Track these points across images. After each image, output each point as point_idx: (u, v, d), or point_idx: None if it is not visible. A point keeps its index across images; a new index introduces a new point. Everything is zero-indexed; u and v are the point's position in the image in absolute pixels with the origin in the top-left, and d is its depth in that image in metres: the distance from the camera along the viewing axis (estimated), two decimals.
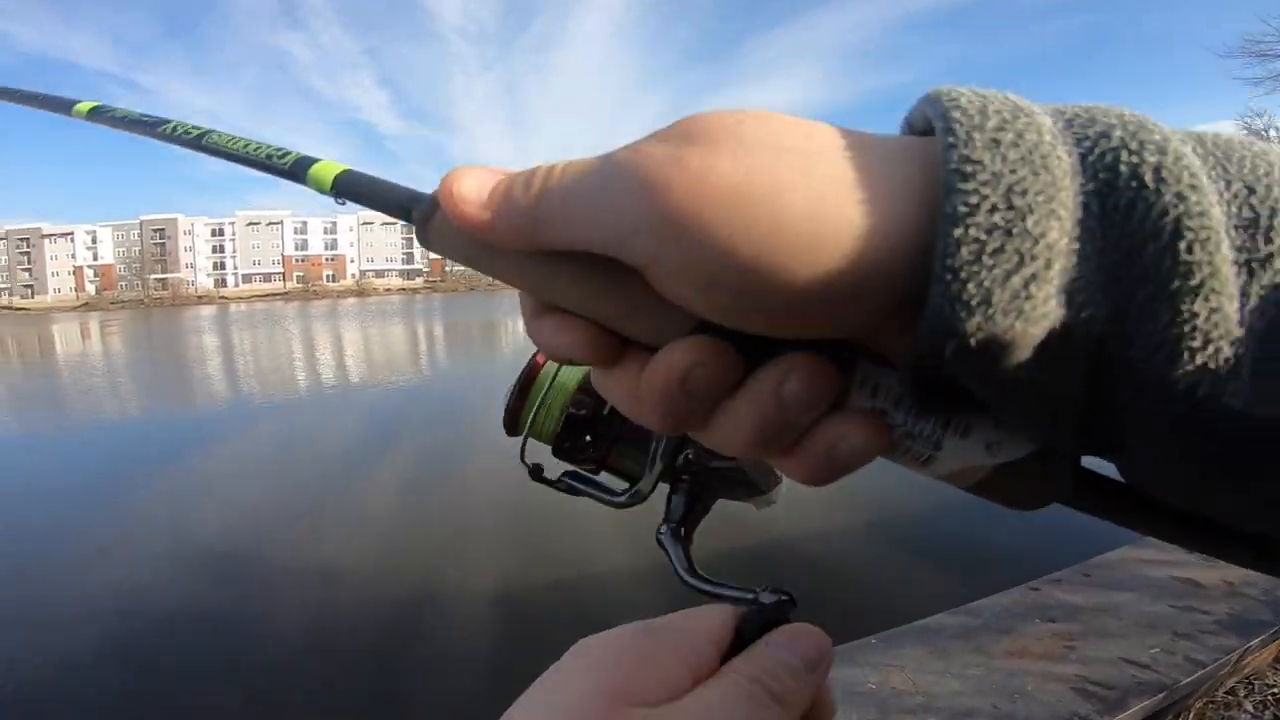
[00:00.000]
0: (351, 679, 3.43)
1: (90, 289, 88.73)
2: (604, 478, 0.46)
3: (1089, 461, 0.22)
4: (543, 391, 0.44)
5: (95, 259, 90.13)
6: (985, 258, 0.16)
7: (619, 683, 0.25)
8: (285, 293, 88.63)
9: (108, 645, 3.81)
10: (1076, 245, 0.17)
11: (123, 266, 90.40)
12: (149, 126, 0.41)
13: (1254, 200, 0.17)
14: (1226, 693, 2.56)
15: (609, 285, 0.21)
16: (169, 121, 0.40)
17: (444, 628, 3.94)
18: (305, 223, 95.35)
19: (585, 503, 0.46)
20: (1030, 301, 0.16)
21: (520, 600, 4.22)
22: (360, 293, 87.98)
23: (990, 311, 0.17)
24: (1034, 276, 0.16)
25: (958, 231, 0.16)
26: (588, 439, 0.44)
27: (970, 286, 0.16)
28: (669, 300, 0.20)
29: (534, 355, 0.44)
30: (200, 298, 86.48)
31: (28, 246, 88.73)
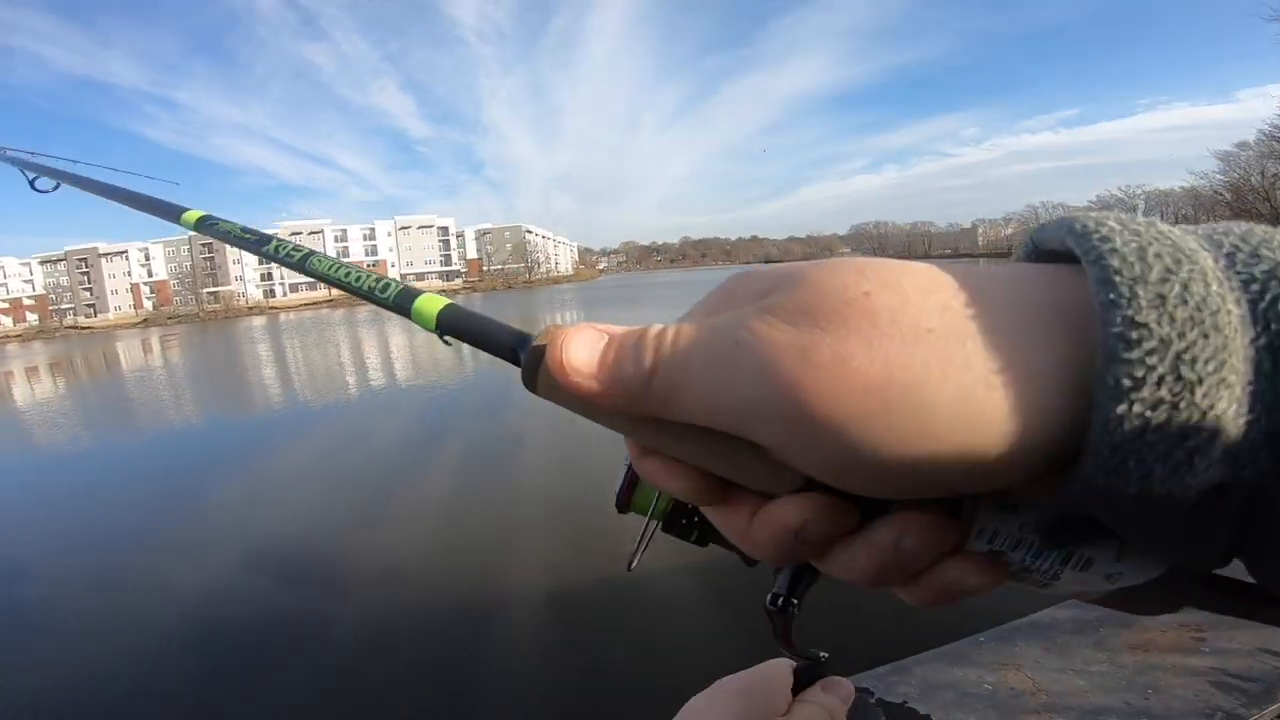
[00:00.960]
0: (414, 677, 3.46)
1: (148, 305, 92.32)
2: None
3: None
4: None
5: (150, 275, 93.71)
6: (1149, 434, 0.15)
7: (765, 706, 0.38)
8: (331, 300, 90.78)
9: (180, 643, 3.93)
10: (1246, 411, 0.16)
11: (176, 281, 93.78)
12: (252, 244, 0.41)
13: None
14: None
15: (719, 446, 0.21)
16: (271, 240, 0.40)
17: (500, 627, 3.94)
18: (345, 230, 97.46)
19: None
20: (1191, 470, 0.16)
21: (573, 600, 4.20)
22: None
23: (1148, 484, 0.16)
24: (1197, 450, 0.16)
25: (1120, 408, 0.15)
26: (696, 520, 0.45)
27: (1130, 463, 0.16)
28: (783, 465, 0.20)
29: None
30: (251, 309, 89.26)
31: (86, 266, 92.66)
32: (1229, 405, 0.15)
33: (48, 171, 0.82)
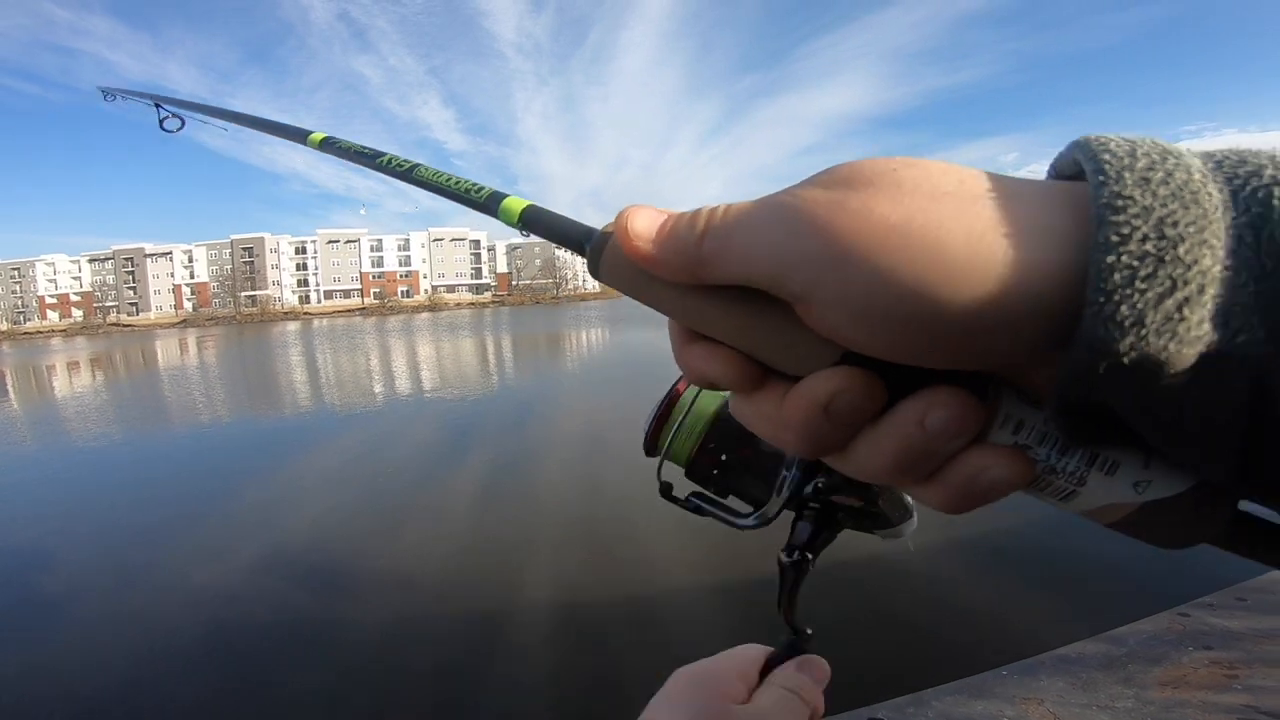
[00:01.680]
0: (425, 684, 3.47)
1: (188, 306, 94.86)
2: (731, 501, 0.49)
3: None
4: (681, 416, 0.48)
5: (191, 277, 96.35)
6: (1138, 282, 0.17)
7: (719, 694, 0.38)
8: (363, 308, 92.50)
9: (195, 642, 3.97)
10: (1230, 272, 0.17)
11: (216, 284, 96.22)
12: (367, 158, 0.48)
13: None
14: None
15: (759, 316, 0.23)
16: (384, 154, 0.47)
17: (513, 634, 3.93)
18: (380, 240, 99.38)
19: (652, 516, 0.47)
20: (1184, 323, 0.17)
21: (585, 610, 4.19)
22: (432, 307, 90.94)
23: (1143, 332, 0.17)
24: (1187, 300, 0.17)
25: (1110, 258, 0.17)
26: (722, 459, 0.47)
27: (1123, 308, 0.17)
28: (817, 332, 0.22)
29: (675, 383, 0.49)
30: (286, 314, 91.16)
31: (132, 266, 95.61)
32: (1212, 264, 0.17)
33: (176, 104, 0.90)
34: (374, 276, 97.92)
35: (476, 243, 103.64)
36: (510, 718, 3.18)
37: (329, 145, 0.53)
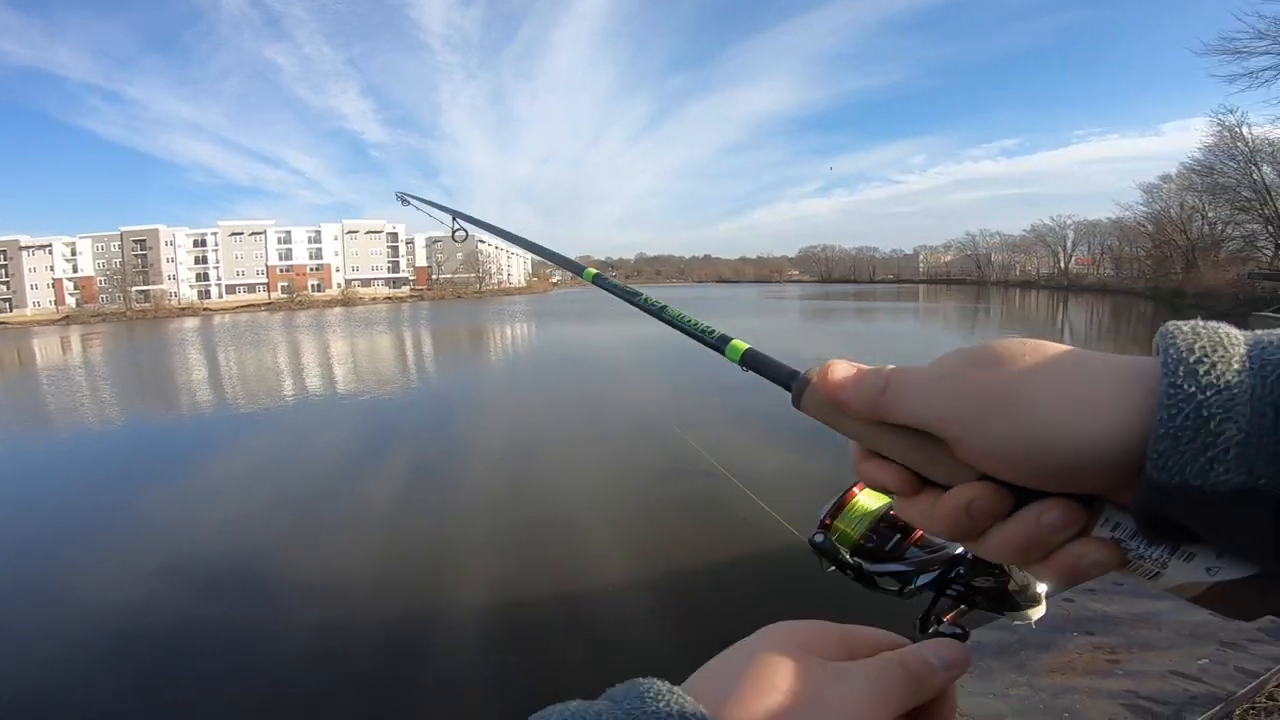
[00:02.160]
0: (352, 688, 3.32)
1: (71, 302, 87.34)
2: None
3: None
4: (853, 512, 0.68)
5: (75, 271, 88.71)
6: (1181, 446, 0.26)
7: (804, 643, 0.34)
8: (270, 303, 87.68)
9: (105, 655, 3.73)
10: (1254, 436, 0.25)
11: (103, 279, 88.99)
12: (628, 295, 0.58)
13: None
14: (1266, 698, 2.48)
15: (920, 444, 0.32)
16: (641, 294, 0.56)
17: (443, 635, 3.82)
18: (289, 232, 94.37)
19: (573, 515, 0.52)
20: (1213, 472, 0.25)
21: (514, 608, 4.11)
22: (346, 302, 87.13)
23: (1184, 478, 0.26)
24: (1214, 459, 0.25)
25: (1161, 430, 0.26)
26: (885, 548, 0.63)
27: (1170, 462, 0.26)
28: (963, 461, 0.31)
29: (850, 486, 0.68)
30: (183, 309, 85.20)
31: (4, 259, 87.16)
32: (1236, 433, 0.25)
33: (469, 220, 1.06)
34: (282, 270, 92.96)
35: (394, 235, 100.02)
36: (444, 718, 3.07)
37: (600, 281, 0.64)
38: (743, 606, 3.98)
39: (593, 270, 0.65)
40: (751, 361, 0.42)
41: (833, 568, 0.69)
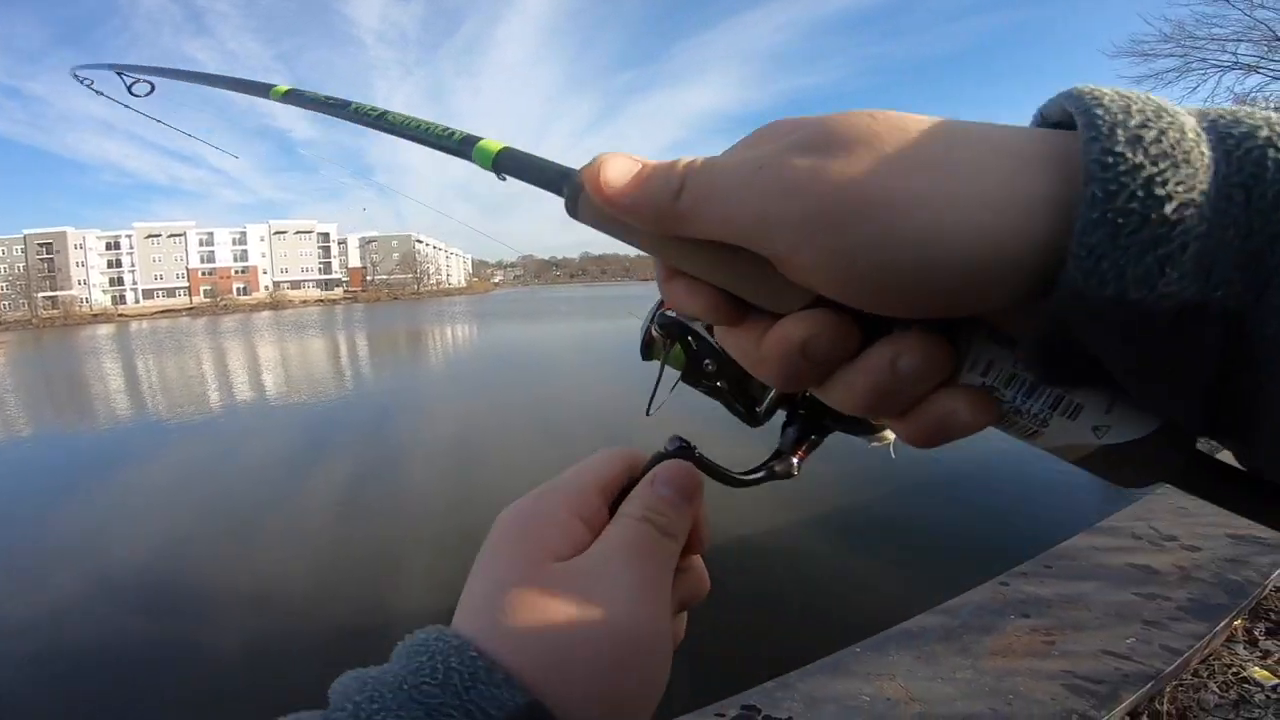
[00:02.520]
0: (290, 700, 3.20)
1: None
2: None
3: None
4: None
5: None
6: (1122, 238, 0.18)
7: (535, 547, 0.28)
8: (191, 308, 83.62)
9: (22, 678, 3.51)
10: (1217, 229, 0.18)
11: (5, 284, 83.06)
12: (335, 107, 0.48)
13: None
14: (1192, 675, 2.66)
15: (737, 263, 0.24)
16: (351, 103, 0.46)
17: (386, 644, 3.73)
18: (211, 234, 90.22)
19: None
20: (1163, 279, 0.18)
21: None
22: (275, 305, 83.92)
23: (1123, 285, 0.18)
24: (1168, 257, 0.18)
25: (1094, 214, 0.18)
26: (709, 365, 0.47)
27: (1105, 263, 0.18)
28: (795, 281, 0.23)
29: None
30: (95, 315, 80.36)
31: None
32: (1198, 223, 0.18)
33: (143, 71, 0.92)
34: (204, 273, 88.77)
35: (325, 235, 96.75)
36: None
37: (294, 97, 0.53)
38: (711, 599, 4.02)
39: (283, 87, 0.56)
40: (509, 164, 0.33)
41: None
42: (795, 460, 0.43)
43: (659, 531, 0.29)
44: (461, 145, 0.36)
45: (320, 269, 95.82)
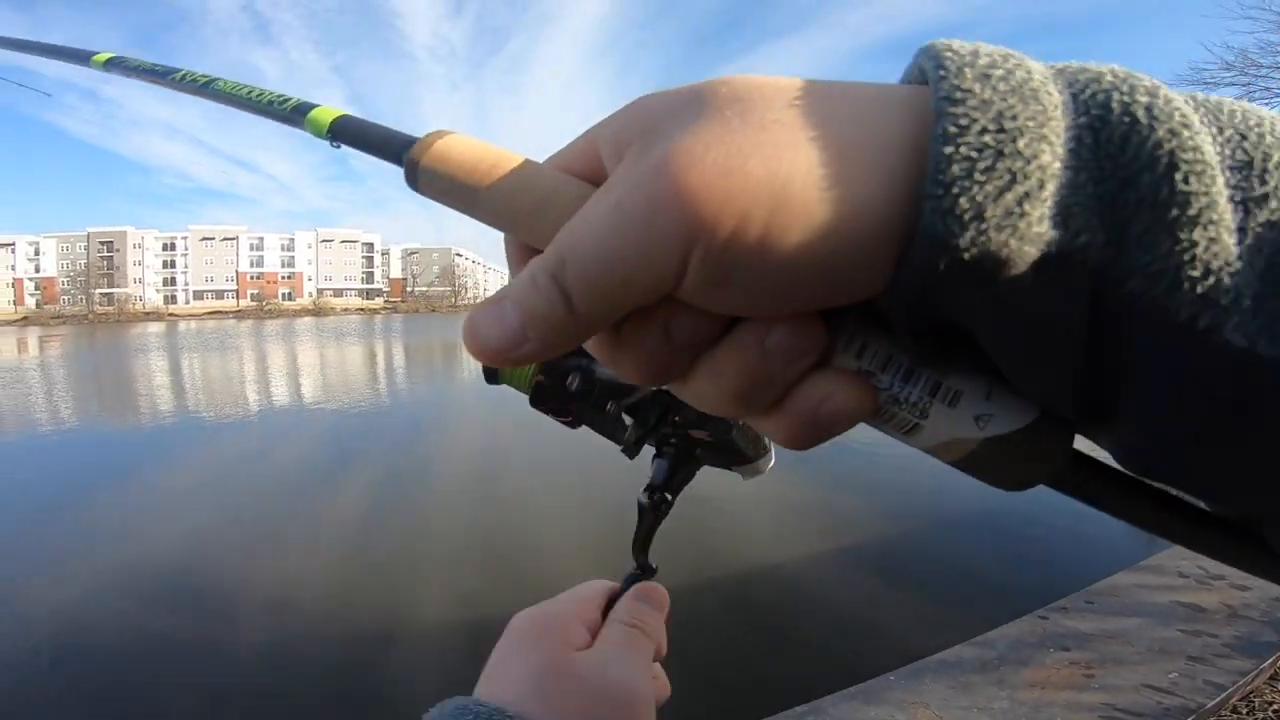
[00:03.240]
0: (306, 703, 3.27)
1: (31, 302, 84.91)
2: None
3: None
4: None
5: (37, 271, 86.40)
6: (977, 174, 0.17)
7: (559, 641, 0.38)
8: (238, 311, 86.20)
9: (51, 672, 3.60)
10: (1070, 172, 0.17)
11: (66, 280, 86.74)
12: (160, 75, 0.44)
13: (1246, 145, 0.18)
14: (1231, 710, 2.57)
15: None
16: (178, 70, 0.43)
17: (403, 652, 3.78)
18: (262, 239, 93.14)
19: (549, 528, 0.49)
20: (1024, 219, 0.17)
21: (479, 627, 4.09)
22: (317, 312, 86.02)
23: (983, 226, 0.17)
24: (1027, 195, 0.17)
25: (948, 149, 0.17)
26: (568, 388, 0.44)
27: (962, 201, 0.17)
28: None
29: None
30: (148, 314, 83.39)
31: None
32: (1052, 160, 0.17)
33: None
34: (252, 277, 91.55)
35: (370, 245, 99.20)
36: None
37: (116, 65, 0.49)
38: (715, 623, 4.00)
39: (104, 55, 0.51)
40: (345, 133, 0.31)
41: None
42: (669, 498, 0.45)
43: (641, 634, 0.40)
44: (294, 113, 0.34)
45: (363, 278, 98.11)
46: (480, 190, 0.23)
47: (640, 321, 0.21)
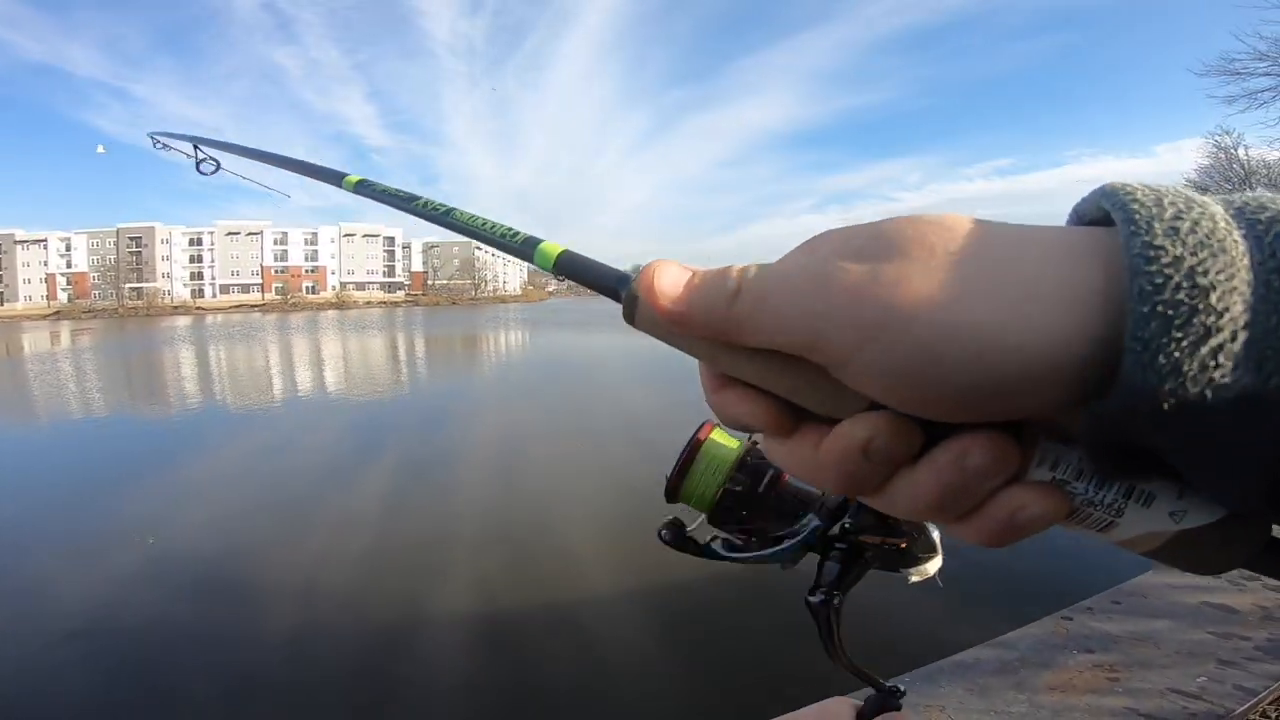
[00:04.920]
0: (328, 692, 3.28)
1: (63, 297, 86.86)
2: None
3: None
4: (704, 465, 0.51)
5: (69, 266, 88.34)
6: (1174, 331, 0.18)
7: None
8: (263, 304, 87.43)
9: (80, 658, 3.63)
10: (1262, 318, 0.18)
11: (97, 275, 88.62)
12: (404, 201, 0.48)
13: None
14: (1260, 715, 2.47)
15: (793, 371, 0.23)
16: (420, 198, 0.47)
17: (425, 643, 3.78)
18: (285, 233, 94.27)
19: (566, 522, 0.47)
20: (1219, 369, 0.18)
21: (502, 621, 4.07)
22: (340, 305, 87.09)
23: (1180, 379, 0.18)
24: (1220, 347, 0.18)
25: (1145, 308, 0.18)
26: (744, 512, 0.49)
27: (1160, 357, 0.18)
28: (851, 386, 0.22)
29: (697, 431, 0.51)
30: (176, 308, 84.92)
31: None
32: (1243, 310, 0.18)
33: (216, 147, 0.92)
34: (277, 271, 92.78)
35: (391, 239, 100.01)
36: None
37: (364, 188, 0.53)
38: (727, 619, 3.94)
39: (355, 178, 0.56)
40: (569, 267, 0.34)
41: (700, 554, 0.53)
42: (839, 596, 0.47)
43: None
44: (523, 246, 0.37)
45: (384, 272, 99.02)
46: (691, 339, 0.25)
47: (840, 440, 0.23)
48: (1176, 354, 0.18)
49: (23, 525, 5.94)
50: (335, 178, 0.58)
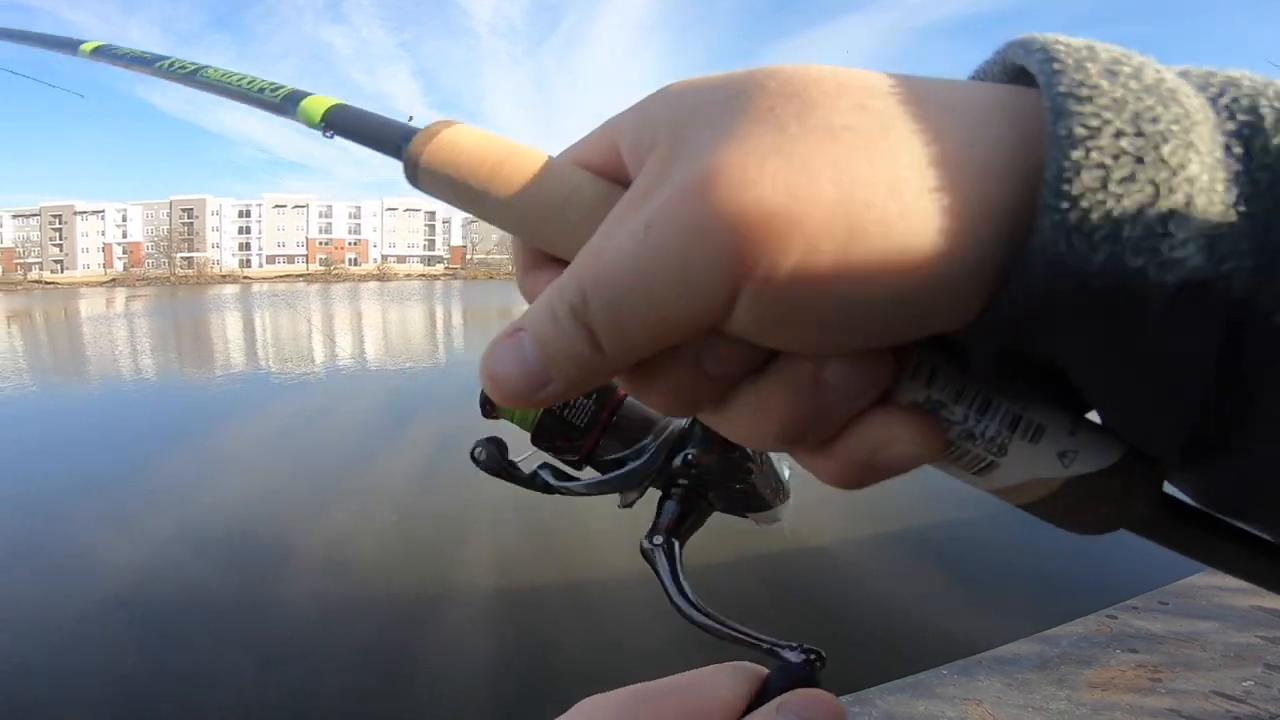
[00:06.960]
0: (355, 670, 3.39)
1: (118, 265, 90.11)
2: (587, 473, 0.42)
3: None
4: None
5: (125, 236, 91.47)
6: (1112, 185, 0.14)
7: None
8: (307, 274, 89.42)
9: (110, 620, 3.76)
10: (1221, 189, 0.14)
11: (150, 245, 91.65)
12: (146, 64, 0.43)
13: None
14: None
15: None
16: (165, 58, 0.42)
17: (449, 621, 3.88)
18: (330, 206, 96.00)
19: (594, 504, 0.42)
20: (1167, 240, 0.13)
21: (525, 599, 4.16)
22: (381, 277, 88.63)
23: (1117, 249, 0.14)
24: (1172, 212, 0.14)
25: (1077, 154, 0.14)
26: (572, 426, 0.40)
27: (1094, 216, 0.14)
28: None
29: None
30: (224, 276, 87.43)
31: (60, 223, 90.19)
32: (1201, 171, 0.14)
33: None
34: (321, 243, 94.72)
35: (432, 214, 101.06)
36: (443, 701, 3.13)
37: (103, 54, 0.48)
38: (758, 606, 3.98)
39: (91, 44, 0.50)
40: (338, 123, 0.28)
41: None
42: (676, 544, 0.37)
43: None
44: (284, 103, 0.31)
45: (425, 245, 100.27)
46: (488, 188, 0.20)
47: (672, 357, 0.17)
48: (1116, 214, 0.13)
49: (65, 483, 6.13)
50: (69, 46, 0.52)
